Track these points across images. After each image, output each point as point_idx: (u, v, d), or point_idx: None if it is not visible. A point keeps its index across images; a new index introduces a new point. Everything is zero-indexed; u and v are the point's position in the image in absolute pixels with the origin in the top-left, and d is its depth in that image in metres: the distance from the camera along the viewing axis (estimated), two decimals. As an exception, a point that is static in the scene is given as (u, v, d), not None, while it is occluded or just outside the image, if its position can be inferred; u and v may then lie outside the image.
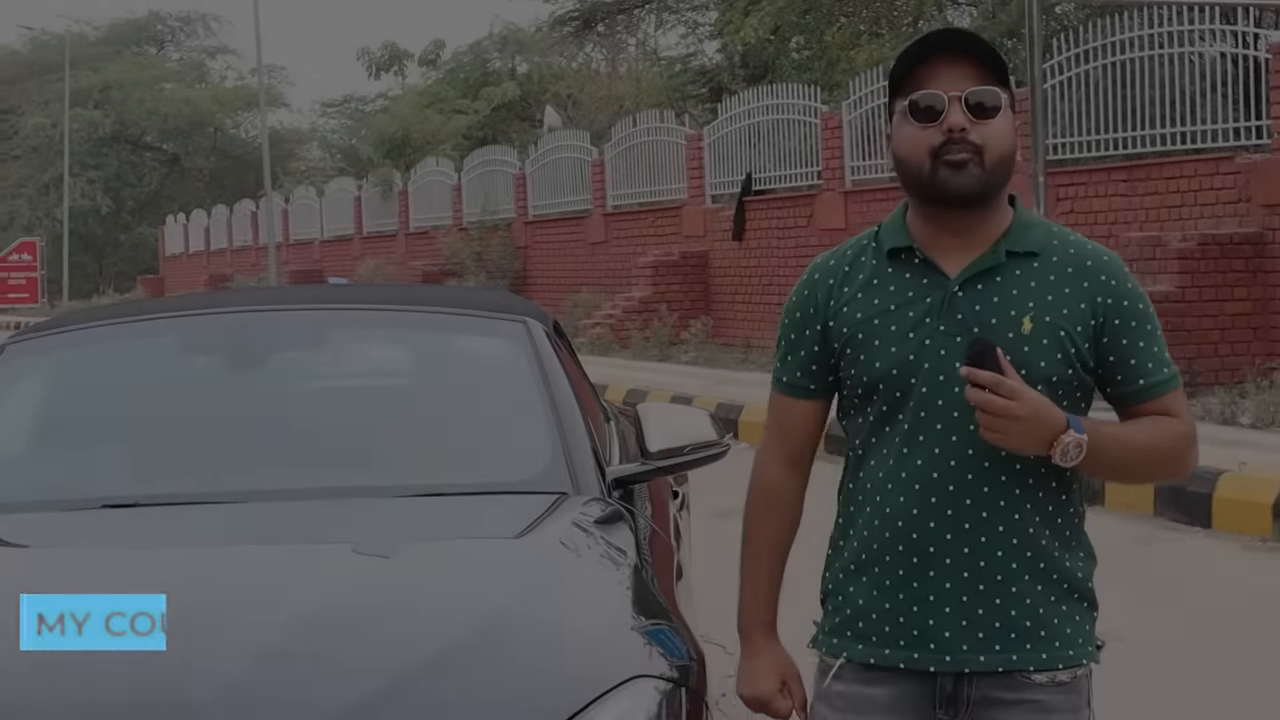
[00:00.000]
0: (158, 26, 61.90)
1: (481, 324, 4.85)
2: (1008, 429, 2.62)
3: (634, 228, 24.25)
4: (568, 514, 3.92)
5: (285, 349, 4.86)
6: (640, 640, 3.33)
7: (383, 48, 37.84)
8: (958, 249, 2.77)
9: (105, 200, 54.55)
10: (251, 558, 3.69)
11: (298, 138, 56.97)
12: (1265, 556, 8.48)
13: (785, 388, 2.93)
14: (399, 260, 31.70)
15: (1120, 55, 15.03)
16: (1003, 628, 2.73)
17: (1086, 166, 15.51)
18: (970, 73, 2.73)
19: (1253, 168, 13.58)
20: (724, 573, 2.89)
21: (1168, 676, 6.33)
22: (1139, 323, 2.77)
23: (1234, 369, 13.28)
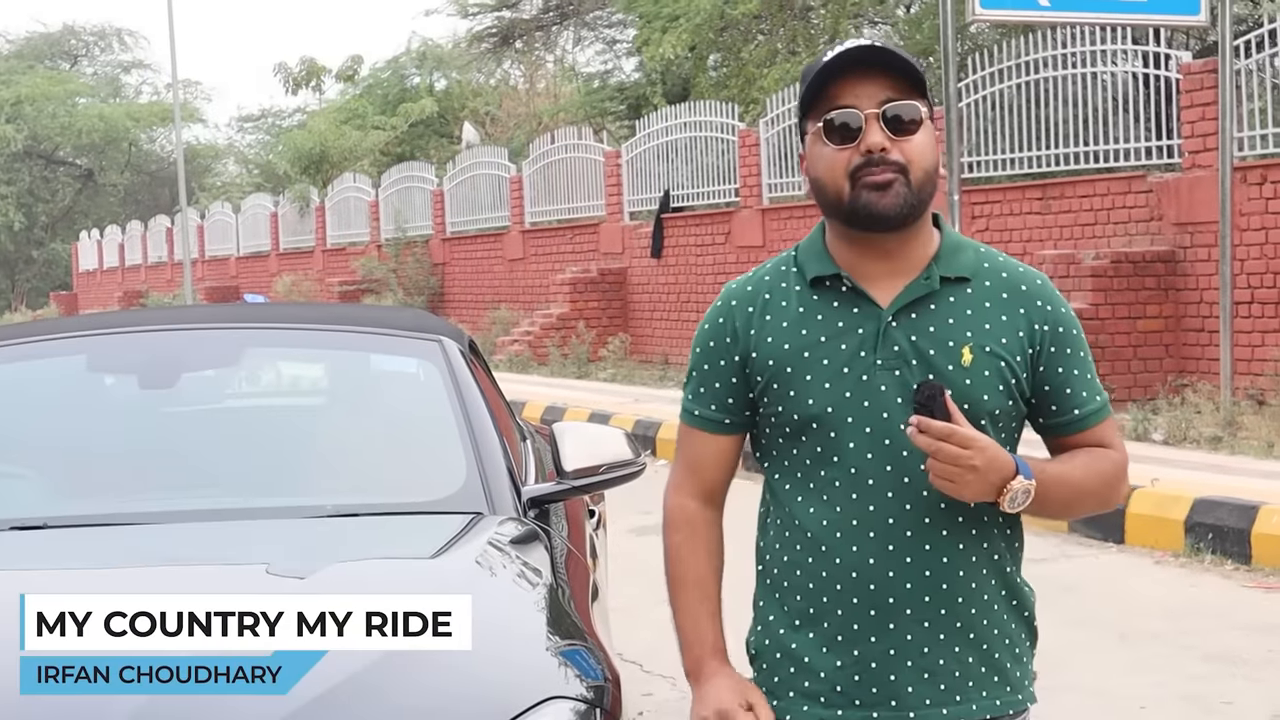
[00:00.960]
0: (72, 41, 61.27)
1: (397, 343, 4.83)
2: (961, 478, 2.47)
3: (552, 245, 24.25)
4: (483, 534, 3.91)
5: (199, 368, 4.82)
6: (555, 661, 3.31)
7: (300, 63, 37.64)
8: (886, 275, 2.60)
9: (18, 216, 53.90)
10: (165, 579, 3.65)
11: (214, 153, 56.60)
12: (1176, 571, 8.57)
13: (698, 421, 2.72)
14: (316, 277, 31.58)
15: (1034, 75, 15.18)
16: (962, 676, 2.59)
17: (1001, 185, 15.64)
18: (886, 87, 2.56)
19: (1164, 186, 13.74)
20: (640, 591, 2.84)
21: (1077, 686, 6.39)
22: (1074, 349, 2.65)
23: (1146, 386, 13.44)
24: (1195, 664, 6.73)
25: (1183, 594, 8.03)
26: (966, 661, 2.59)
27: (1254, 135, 12.99)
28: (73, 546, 3.94)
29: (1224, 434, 11.38)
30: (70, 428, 4.54)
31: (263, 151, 47.32)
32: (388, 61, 37.20)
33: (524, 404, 16.01)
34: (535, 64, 33.82)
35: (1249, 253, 12.84)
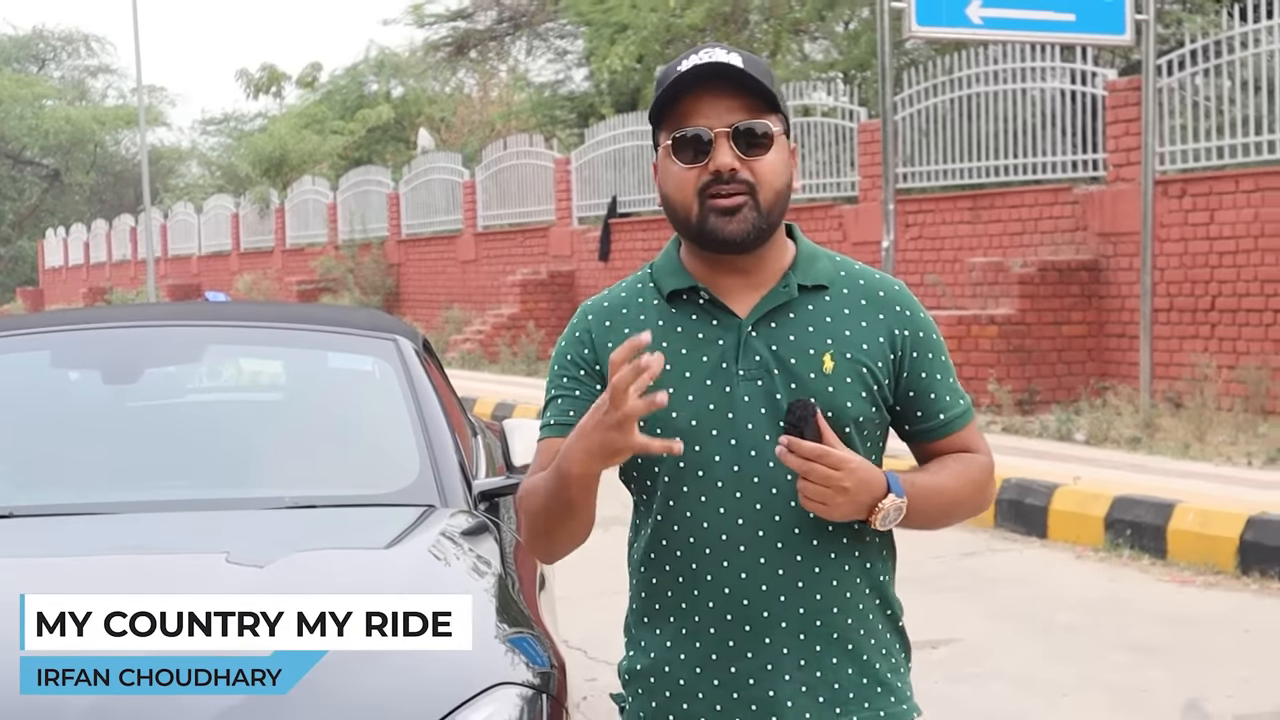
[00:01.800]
0: (40, 45, 60.76)
1: (354, 342, 4.82)
2: (832, 500, 2.34)
3: (504, 247, 24.22)
4: (435, 526, 3.91)
5: (162, 364, 4.80)
6: (504, 649, 3.30)
7: (261, 69, 37.44)
8: (743, 287, 2.48)
9: (-15, 214, 53.55)
10: (126, 567, 3.64)
11: (178, 155, 56.22)
12: (1096, 565, 8.63)
13: (556, 430, 2.49)
14: (275, 276, 31.42)
15: (966, 90, 15.25)
16: (842, 688, 2.45)
17: (934, 195, 15.71)
18: (737, 104, 2.41)
19: (1089, 198, 13.83)
20: (585, 581, 2.80)
21: (1001, 675, 6.43)
22: (934, 354, 2.53)
23: (1070, 388, 13.53)
24: (1114, 654, 6.77)
25: (1102, 587, 8.09)
26: (845, 673, 2.45)
27: (1175, 150, 13.09)
28: (36, 535, 3.92)
29: (1143, 435, 11.46)
30: (35, 421, 4.52)
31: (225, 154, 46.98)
32: (347, 69, 37.06)
33: (475, 400, 15.98)
34: (489, 73, 33.76)
35: (1168, 262, 12.95)
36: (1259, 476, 9.71)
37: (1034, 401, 13.34)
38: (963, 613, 7.60)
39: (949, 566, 8.52)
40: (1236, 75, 12.94)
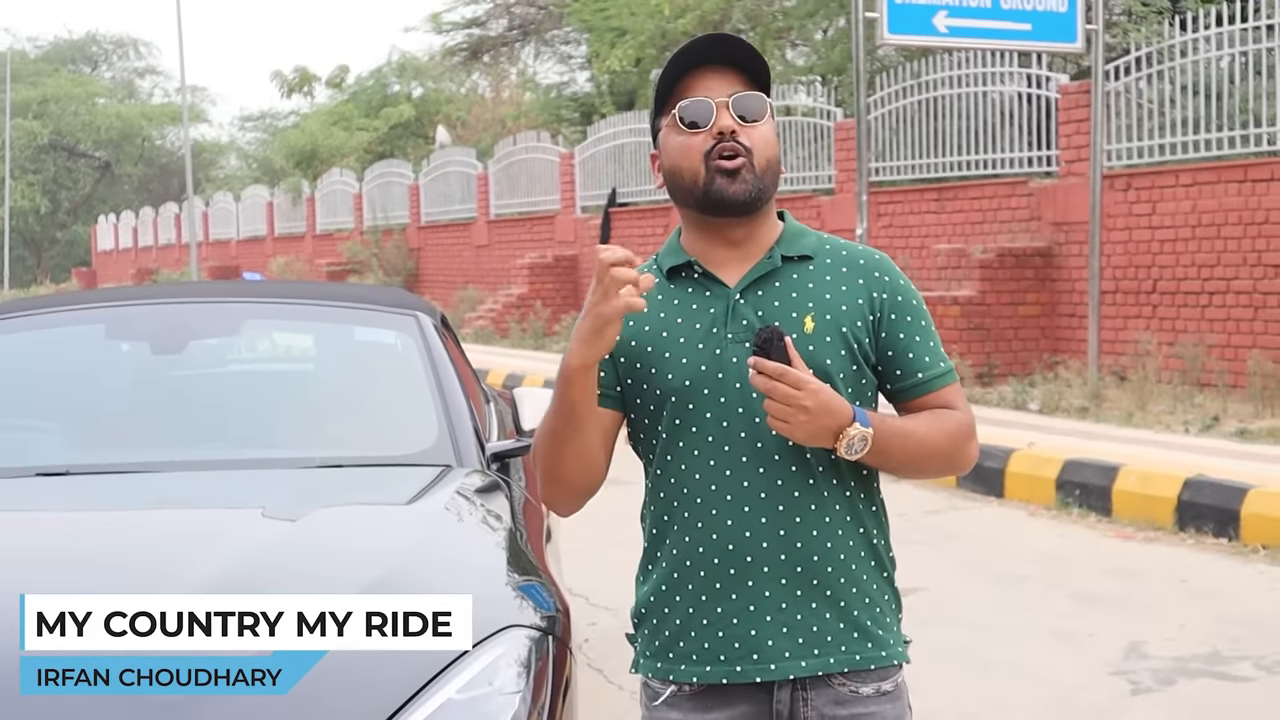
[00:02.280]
0: (93, 48, 60.58)
1: (377, 317, 4.80)
2: (794, 418, 2.31)
3: (513, 234, 24.17)
4: (451, 484, 3.90)
5: (205, 337, 4.78)
6: (513, 594, 3.30)
7: (294, 71, 37.30)
8: (735, 260, 2.48)
9: (44, 201, 53.36)
10: (170, 520, 3.63)
11: (218, 149, 56.15)
12: (1048, 522, 8.64)
13: None
14: (306, 259, 31.36)
15: (931, 93, 15.21)
16: (820, 631, 2.42)
17: (903, 188, 15.68)
18: (734, 81, 2.44)
19: (1043, 191, 13.81)
20: (589, 534, 2.76)
21: (960, 620, 6.44)
22: (914, 317, 2.50)
23: (1025, 363, 13.52)
24: (1063, 602, 6.78)
25: (1053, 542, 8.10)
26: (824, 617, 2.41)
27: (1121, 148, 13.06)
28: (89, 490, 3.91)
29: (1090, 405, 11.46)
30: (90, 387, 4.50)
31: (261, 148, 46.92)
32: (371, 71, 36.90)
33: (488, 372, 15.97)
34: (500, 75, 33.66)
35: (1115, 249, 12.93)
36: (1195, 442, 9.71)
37: (992, 375, 13.34)
38: (927, 565, 7.61)
39: (913, 524, 8.52)
40: (1178, 80, 12.92)
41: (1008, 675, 5.70)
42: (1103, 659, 5.87)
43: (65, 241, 55.94)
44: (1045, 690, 5.52)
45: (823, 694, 2.45)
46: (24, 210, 51.87)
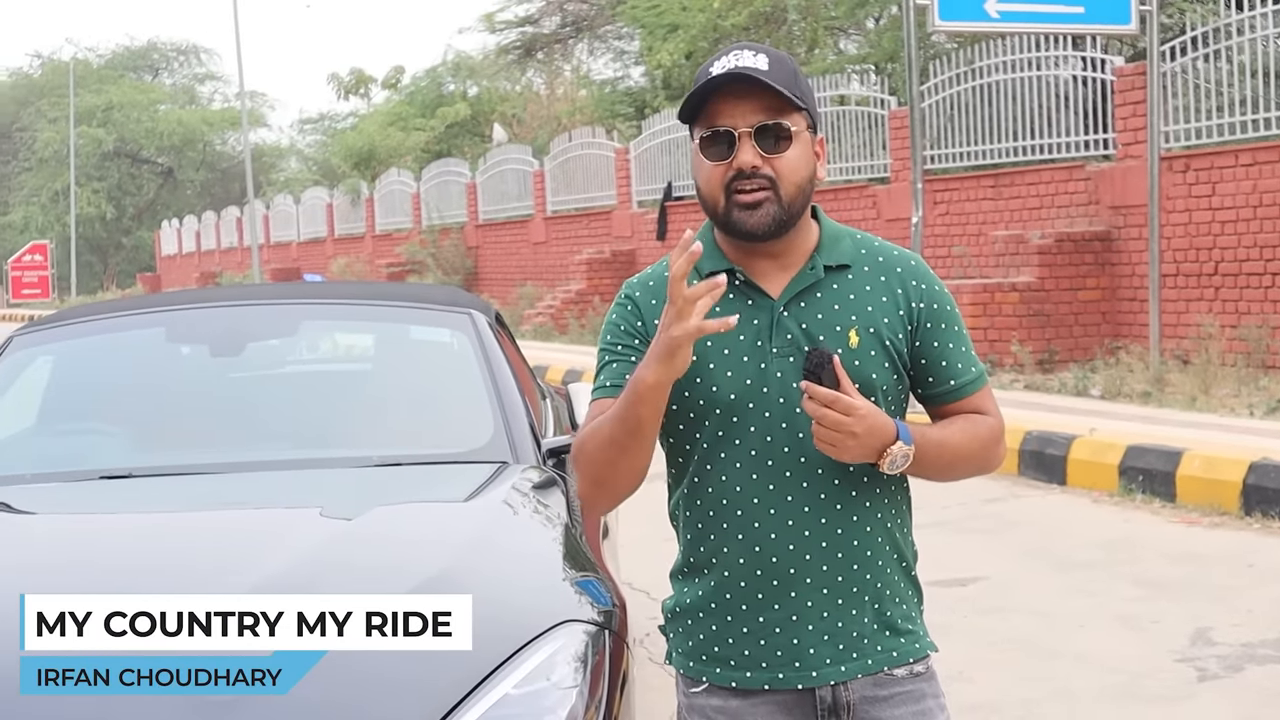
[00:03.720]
0: (155, 55, 61.18)
1: (433, 315, 4.81)
2: (841, 443, 2.32)
3: (570, 230, 24.20)
4: (508, 480, 3.90)
5: (263, 338, 4.81)
6: (571, 590, 3.30)
7: (350, 73, 37.52)
8: (774, 269, 2.46)
9: (108, 207, 53.97)
10: (229, 521, 3.66)
11: (278, 152, 56.55)
12: (1111, 508, 8.55)
13: (611, 390, 2.47)
14: (366, 259, 31.51)
15: (986, 78, 15.10)
16: (859, 635, 2.46)
17: (959, 175, 15.58)
18: (761, 105, 2.38)
19: (1101, 175, 13.68)
20: (650, 528, 2.72)
21: (1023, 608, 6.39)
22: (949, 324, 2.50)
23: (1086, 348, 13.40)
24: (1127, 588, 6.71)
25: (1116, 529, 8.01)
26: (863, 622, 2.46)
27: (1179, 129, 12.91)
28: (150, 492, 3.94)
29: (1153, 390, 11.34)
30: (151, 391, 4.54)
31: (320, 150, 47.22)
32: (427, 71, 37.04)
33: (547, 368, 15.99)
34: (555, 72, 33.68)
35: (1174, 232, 12.78)
36: (1260, 425, 9.59)
37: (1053, 361, 13.23)
38: (988, 553, 7.56)
39: (973, 511, 8.46)
40: (1234, 59, 12.75)
41: (1071, 663, 5.64)
42: (1168, 646, 5.80)
43: (131, 247, 56.53)
44: (1110, 678, 5.46)
45: (861, 680, 2.49)
46: (90, 217, 52.47)
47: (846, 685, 2.47)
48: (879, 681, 2.48)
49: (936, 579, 6.88)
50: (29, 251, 45.77)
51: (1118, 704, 5.22)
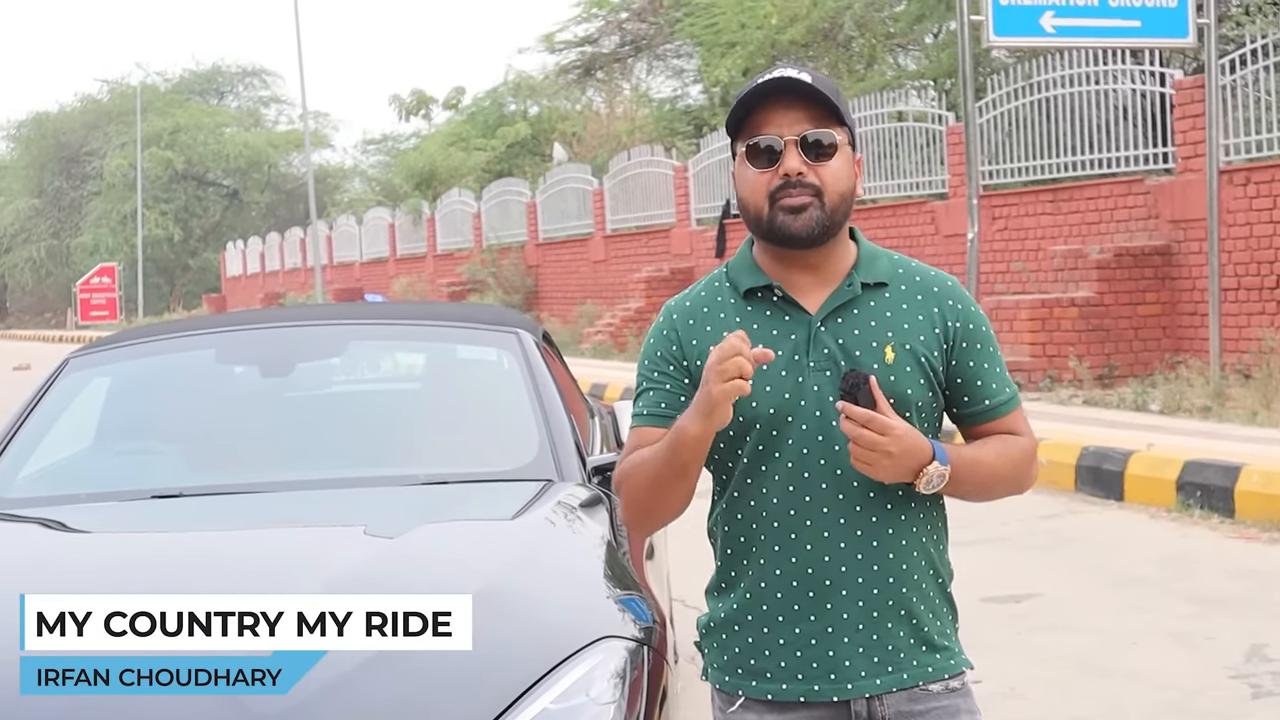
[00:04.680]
0: (219, 78, 61.90)
1: (479, 335, 4.85)
2: (877, 462, 2.36)
3: (630, 248, 24.26)
4: (552, 498, 3.92)
5: (311, 359, 4.86)
6: (611, 606, 3.32)
7: (411, 94, 37.81)
8: (812, 285, 2.50)
9: (175, 229, 54.62)
10: (273, 539, 3.71)
11: (342, 173, 57.03)
12: (1168, 524, 8.48)
13: (650, 420, 2.53)
14: (428, 279, 31.71)
15: (1045, 93, 15.03)
16: (895, 649, 2.48)
17: (1017, 190, 15.50)
18: (806, 115, 2.44)
19: (1160, 188, 13.58)
20: (702, 546, 2.74)
21: (1076, 625, 6.35)
22: (984, 344, 2.53)
23: (1146, 363, 13.30)
24: (1182, 605, 6.66)
25: (1173, 545, 7.95)
26: (898, 635, 2.47)
27: (1239, 142, 12.80)
28: (199, 511, 4.00)
29: (1213, 404, 11.24)
30: (202, 411, 4.60)
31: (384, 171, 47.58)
32: (487, 91, 37.26)
33: (606, 385, 16.01)
34: (614, 91, 33.79)
35: (1235, 245, 12.67)
36: (1321, 440, 9.49)
37: (1113, 376, 13.14)
38: (1044, 569, 7.52)
39: (1029, 528, 8.41)
40: (1295, 71, 12.64)
41: (1123, 680, 5.60)
42: (1223, 662, 5.75)
43: (197, 268, 57.15)
44: (1162, 695, 5.42)
45: (896, 695, 2.50)
46: (158, 239, 53.11)
47: (881, 699, 2.49)
48: (914, 696, 2.50)
49: (991, 596, 6.87)
50: (97, 274, 46.41)
51: (1170, 721, 5.18)
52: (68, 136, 57.75)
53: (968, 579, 7.01)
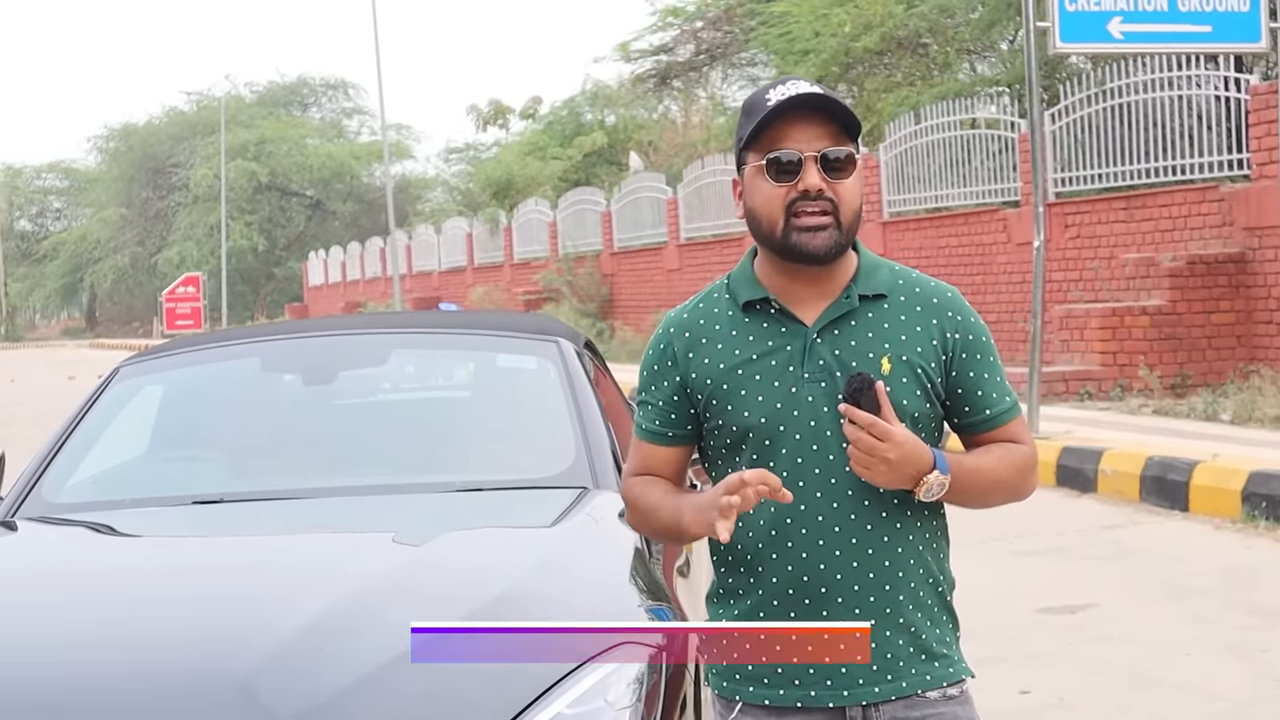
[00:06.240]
0: (304, 90, 62.57)
1: (519, 344, 4.88)
2: (875, 467, 2.38)
3: (704, 256, 24.27)
4: (585, 506, 3.95)
5: (354, 367, 4.93)
6: (636, 613, 3.34)
7: (488, 104, 38.06)
8: (811, 297, 2.52)
9: (260, 239, 55.26)
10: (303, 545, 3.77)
11: (424, 184, 57.49)
12: (1233, 535, 8.37)
13: (646, 435, 2.62)
14: (505, 288, 31.86)
15: (1119, 99, 14.89)
16: (893, 657, 2.49)
17: (1089, 197, 15.36)
18: (825, 131, 2.47)
19: (1235, 195, 13.40)
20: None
21: (1130, 637, 6.29)
22: (984, 355, 2.55)
23: (1219, 372, 13.13)
24: (1241, 617, 6.58)
25: (1237, 556, 7.85)
26: (896, 644, 2.49)
27: (1314, 148, 12.62)
28: (238, 516, 4.08)
29: (1286, 414, 11.08)
30: (245, 419, 4.68)
31: (464, 180, 47.91)
32: (564, 101, 37.46)
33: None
34: (690, 100, 33.86)
35: (1310, 253, 12.49)
36: (1393, 451, 9.33)
37: (1185, 385, 12.98)
38: (1103, 580, 7.46)
39: (1090, 539, 8.35)
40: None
41: (1175, 691, 5.55)
42: (1277, 674, 5.69)
43: (281, 277, 57.81)
44: (1213, 705, 5.37)
45: (894, 702, 2.51)
46: (242, 249, 53.76)
47: (878, 706, 2.50)
48: (911, 704, 2.51)
49: (1046, 606, 6.83)
50: (182, 283, 47.00)
51: (1217, 734, 5.13)
52: (154, 148, 58.60)
53: (1024, 589, 7.09)
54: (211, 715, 2.77)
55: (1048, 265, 13.23)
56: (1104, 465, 9.76)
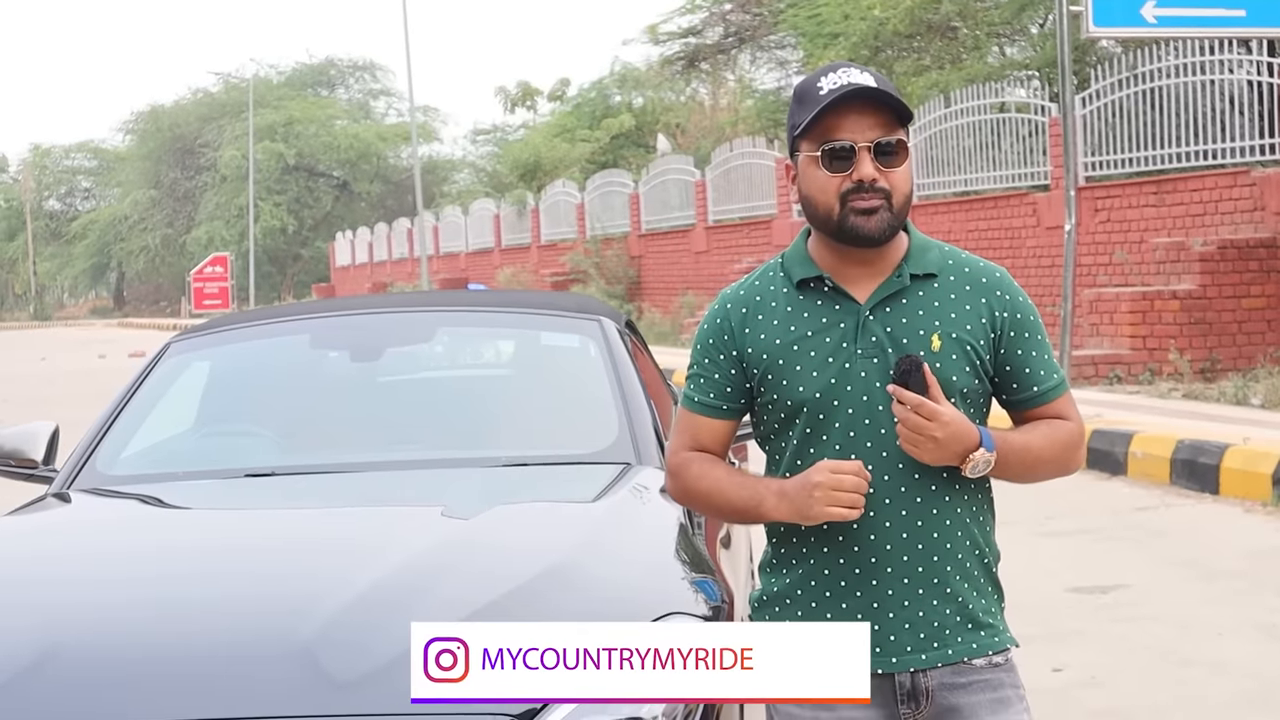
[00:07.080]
0: (331, 72, 62.64)
1: (562, 322, 4.96)
2: (923, 445, 2.47)
3: (731, 239, 24.31)
4: (629, 481, 4.01)
5: (400, 344, 5.00)
6: (681, 584, 3.41)
7: (516, 86, 38.12)
8: (864, 276, 2.59)
9: (289, 220, 55.42)
10: (353, 518, 3.86)
11: (451, 165, 57.53)
12: (1263, 518, 8.41)
13: (697, 407, 2.68)
14: (532, 269, 31.94)
15: (1151, 83, 14.88)
16: (940, 625, 2.56)
17: (1121, 181, 15.35)
18: (877, 121, 2.53)
19: (1266, 180, 13.40)
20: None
21: (1161, 617, 6.35)
22: (1032, 333, 2.62)
23: (1249, 357, 13.15)
24: (1271, 598, 6.63)
25: (1267, 539, 7.89)
26: (943, 613, 2.56)
27: (1347, 133, 12.60)
28: (290, 489, 4.16)
29: (1317, 398, 11.10)
30: (295, 394, 4.76)
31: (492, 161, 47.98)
32: (592, 83, 37.53)
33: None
34: (718, 83, 33.88)
35: (1342, 237, 12.48)
36: None
37: (1215, 370, 13.00)
38: (1135, 561, 7.51)
39: (1123, 520, 8.39)
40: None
41: (1206, 670, 5.61)
42: (1308, 655, 5.74)
43: (308, 258, 57.96)
44: (1243, 684, 5.42)
45: (941, 669, 2.59)
46: (270, 230, 53.93)
47: (926, 673, 2.57)
48: (958, 670, 2.58)
49: (1078, 586, 6.89)
50: (210, 264, 47.25)
51: (1249, 710, 5.18)
52: (182, 129, 58.79)
53: (1056, 569, 7.15)
54: (278, 679, 2.85)
55: (1077, 249, 13.24)
56: (1134, 448, 9.79)
